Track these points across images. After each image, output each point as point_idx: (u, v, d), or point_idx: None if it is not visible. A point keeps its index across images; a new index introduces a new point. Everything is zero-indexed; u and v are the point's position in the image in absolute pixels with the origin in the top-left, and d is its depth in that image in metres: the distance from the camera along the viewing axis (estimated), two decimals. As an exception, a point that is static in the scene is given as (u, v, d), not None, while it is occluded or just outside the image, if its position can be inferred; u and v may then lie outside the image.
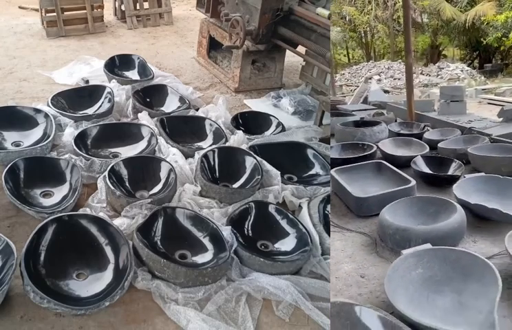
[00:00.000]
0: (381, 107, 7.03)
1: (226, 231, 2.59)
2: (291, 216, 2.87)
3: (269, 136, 3.99)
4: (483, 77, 15.99)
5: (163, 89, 4.56)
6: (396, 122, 5.60)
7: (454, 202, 2.65)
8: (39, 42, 6.32)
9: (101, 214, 2.66)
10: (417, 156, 3.70)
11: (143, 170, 3.16)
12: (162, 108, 4.37)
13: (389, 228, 2.47)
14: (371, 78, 15.48)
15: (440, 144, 4.14)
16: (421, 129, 5.03)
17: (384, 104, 7.36)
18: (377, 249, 2.50)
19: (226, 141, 3.69)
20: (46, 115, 3.62)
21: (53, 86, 4.74)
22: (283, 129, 4.09)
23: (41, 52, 5.89)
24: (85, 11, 6.70)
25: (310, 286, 2.38)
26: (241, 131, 3.81)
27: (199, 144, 3.78)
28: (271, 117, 4.27)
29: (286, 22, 4.71)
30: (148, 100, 4.35)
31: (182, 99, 4.41)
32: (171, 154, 3.39)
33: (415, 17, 20.04)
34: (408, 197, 2.87)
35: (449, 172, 3.48)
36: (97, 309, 2.10)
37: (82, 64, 5.27)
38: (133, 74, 4.97)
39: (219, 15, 5.13)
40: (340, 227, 2.86)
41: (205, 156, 3.31)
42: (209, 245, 2.59)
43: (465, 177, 3.12)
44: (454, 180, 3.13)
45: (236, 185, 3.25)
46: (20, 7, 8.27)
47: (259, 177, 3.16)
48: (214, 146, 3.53)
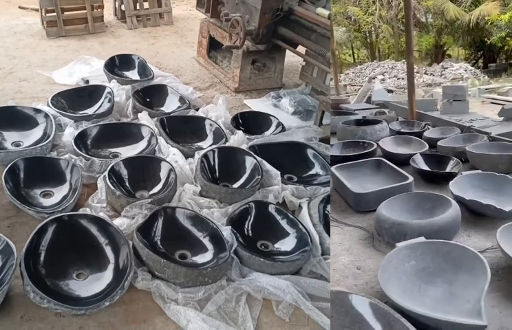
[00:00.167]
0: (384, 107, 7.02)
1: (226, 231, 2.59)
2: (291, 216, 2.86)
3: (269, 136, 3.99)
4: (487, 76, 15.99)
5: (163, 89, 4.56)
6: (397, 121, 5.61)
7: (450, 198, 2.69)
8: (39, 42, 6.32)
9: (101, 214, 2.66)
10: (416, 154, 3.72)
11: (143, 170, 3.16)
12: (162, 108, 4.37)
13: (385, 222, 2.53)
14: (374, 78, 15.48)
15: (440, 142, 4.17)
16: (422, 128, 5.04)
17: (387, 104, 7.36)
18: (374, 242, 2.56)
19: (226, 141, 3.69)
20: (46, 115, 3.62)
21: (53, 86, 4.74)
22: (283, 129, 4.09)
23: (41, 52, 5.89)
24: (85, 11, 6.70)
25: (310, 286, 2.38)
26: (241, 131, 3.81)
27: (199, 144, 3.78)
28: (271, 117, 4.27)
29: (286, 22, 4.71)
30: (148, 100, 4.35)
31: (182, 99, 4.41)
32: (171, 154, 3.39)
33: (419, 17, 20.08)
34: (405, 193, 2.92)
35: (447, 169, 3.53)
36: (97, 309, 2.10)
37: (82, 64, 5.27)
38: (133, 74, 4.97)
39: (219, 15, 5.13)
40: (338, 221, 2.90)
41: (205, 156, 3.31)
42: (209, 245, 2.59)
43: (462, 174, 3.15)
44: (451, 177, 3.17)
45: (236, 185, 3.25)
46: (20, 7, 8.27)
47: (259, 177, 3.16)
48: (214, 146, 3.53)
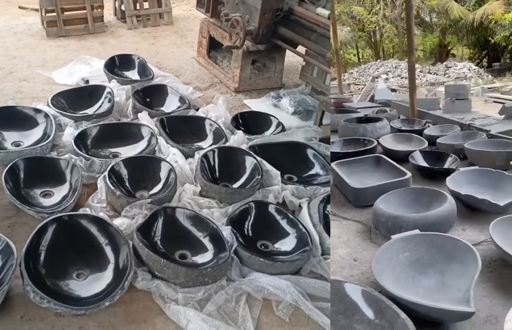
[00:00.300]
0: (387, 105, 7.02)
1: (226, 231, 2.59)
2: (291, 216, 2.86)
3: (269, 136, 3.99)
4: (490, 76, 16.02)
5: (163, 89, 4.56)
6: (399, 119, 5.63)
7: (445, 193, 2.73)
8: (39, 42, 6.32)
9: (101, 214, 2.66)
10: (415, 151, 3.75)
11: (143, 170, 3.16)
12: (162, 108, 4.37)
13: (382, 216, 2.58)
14: (378, 77, 15.50)
15: (439, 140, 4.21)
16: (422, 126, 5.07)
17: (390, 102, 7.37)
18: (371, 235, 2.61)
19: (226, 141, 3.69)
20: (46, 115, 3.62)
21: (53, 86, 4.74)
22: (283, 129, 4.09)
23: (41, 52, 5.89)
24: (85, 11, 6.70)
25: (310, 286, 2.38)
26: (241, 131, 3.80)
27: (199, 144, 3.78)
28: (271, 117, 4.27)
29: (286, 22, 4.71)
30: (148, 100, 4.35)
31: (182, 99, 4.40)
32: (171, 154, 3.39)
33: (423, 16, 20.11)
34: (402, 188, 2.95)
35: (445, 166, 3.56)
36: (97, 309, 2.10)
37: (82, 64, 5.27)
38: (133, 74, 4.97)
39: (219, 15, 5.13)
40: (337, 215, 2.94)
41: (205, 156, 3.31)
42: (209, 245, 2.59)
43: (459, 170, 3.19)
44: (449, 173, 3.20)
45: (236, 185, 3.25)
46: (20, 7, 8.27)
47: (259, 177, 3.16)
48: (214, 146, 3.53)
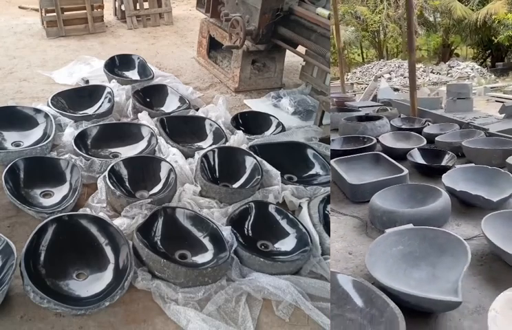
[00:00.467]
0: (389, 104, 7.04)
1: (226, 231, 2.59)
2: (291, 216, 2.87)
3: (269, 136, 3.99)
4: (493, 75, 16.02)
5: (163, 89, 4.56)
6: (399, 118, 5.64)
7: (440, 189, 2.76)
8: (39, 42, 6.32)
9: (101, 214, 2.66)
10: (413, 148, 3.78)
11: (143, 170, 3.16)
12: (162, 108, 4.37)
13: (377, 211, 2.63)
14: (380, 77, 15.51)
15: (437, 138, 4.23)
16: (422, 124, 5.08)
17: (391, 102, 7.38)
18: (367, 230, 2.65)
19: (226, 141, 3.69)
20: (46, 115, 3.62)
21: (53, 86, 4.74)
22: (283, 129, 4.09)
23: (41, 52, 5.89)
24: (85, 11, 6.70)
25: (310, 286, 2.38)
26: (241, 131, 3.80)
27: (199, 144, 3.78)
28: (271, 117, 4.27)
29: (286, 22, 4.71)
30: (148, 100, 4.35)
31: (182, 99, 4.40)
32: (171, 154, 3.39)
33: (427, 16, 20.11)
34: (398, 184, 2.97)
35: (442, 163, 3.59)
36: (97, 309, 2.10)
37: (82, 64, 5.27)
38: (133, 74, 4.97)
39: (219, 15, 5.13)
40: (335, 211, 2.97)
41: (205, 156, 3.31)
42: (209, 245, 2.59)
43: (456, 167, 3.23)
44: (446, 170, 3.22)
45: (236, 185, 3.25)
46: (20, 7, 8.27)
47: (259, 177, 3.16)
48: (214, 146, 3.53)
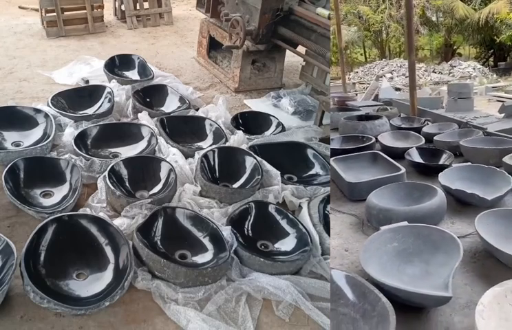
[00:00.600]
0: (390, 104, 7.04)
1: (226, 231, 2.59)
2: (291, 216, 2.87)
3: (269, 136, 3.99)
4: (495, 75, 16.01)
5: (163, 89, 4.56)
6: (399, 117, 5.64)
7: (436, 187, 2.77)
8: (39, 42, 6.32)
9: (101, 214, 2.66)
10: (412, 147, 3.79)
11: (143, 170, 3.16)
12: (162, 108, 4.37)
13: (373, 209, 2.62)
14: (382, 76, 15.51)
15: (436, 137, 4.23)
16: (421, 124, 5.08)
17: (392, 101, 7.38)
18: (363, 228, 2.65)
19: (226, 141, 3.69)
20: (46, 115, 3.62)
21: (53, 86, 4.74)
22: (283, 129, 4.09)
23: (41, 52, 5.89)
24: (85, 11, 6.70)
25: (310, 286, 2.38)
26: (241, 131, 3.80)
27: (199, 144, 3.78)
28: (271, 117, 4.27)
29: (286, 22, 4.71)
30: (148, 100, 4.35)
31: (182, 99, 4.40)
32: (171, 154, 3.39)
33: (429, 16, 20.11)
34: (395, 183, 2.98)
35: (440, 162, 3.59)
36: (97, 309, 2.10)
37: (82, 64, 5.27)
38: (133, 74, 4.97)
39: (219, 15, 5.13)
40: (333, 209, 2.96)
41: (205, 156, 3.31)
42: (209, 245, 2.59)
43: (452, 166, 3.24)
44: (443, 169, 3.24)
45: (236, 185, 3.25)
46: (20, 7, 8.27)
47: (259, 177, 3.16)
48: (214, 146, 3.53)
